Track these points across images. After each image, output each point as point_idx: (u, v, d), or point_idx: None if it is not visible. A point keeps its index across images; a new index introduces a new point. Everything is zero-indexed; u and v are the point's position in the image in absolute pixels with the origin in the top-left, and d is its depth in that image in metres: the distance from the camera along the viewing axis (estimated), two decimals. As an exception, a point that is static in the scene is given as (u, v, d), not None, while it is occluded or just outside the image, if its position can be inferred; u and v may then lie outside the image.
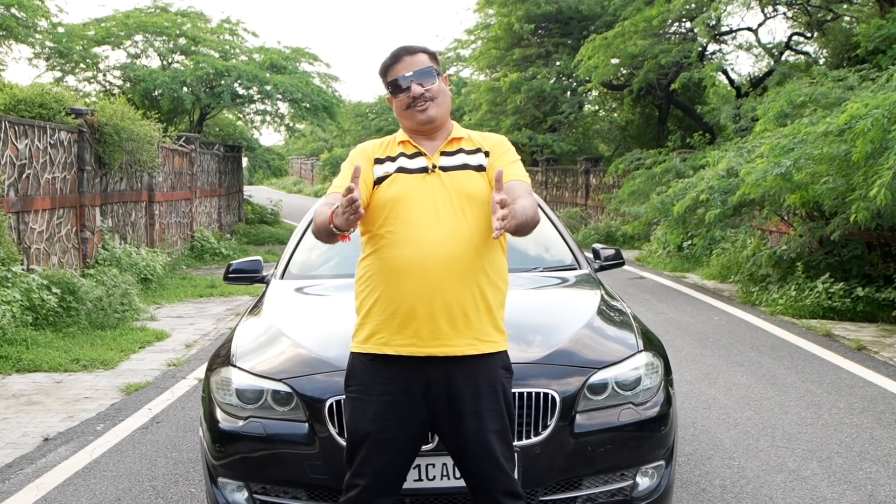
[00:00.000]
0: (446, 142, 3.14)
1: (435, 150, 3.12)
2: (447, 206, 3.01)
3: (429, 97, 3.07)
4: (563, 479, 3.61)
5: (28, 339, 8.26)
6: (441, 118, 3.13)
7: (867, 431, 5.81)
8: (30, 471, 5.29)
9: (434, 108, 3.08)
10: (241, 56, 22.89)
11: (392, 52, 3.13)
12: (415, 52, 3.11)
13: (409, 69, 3.07)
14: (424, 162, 3.09)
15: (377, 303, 3.01)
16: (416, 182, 3.05)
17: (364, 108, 43.24)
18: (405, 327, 2.97)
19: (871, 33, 13.86)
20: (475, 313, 3.00)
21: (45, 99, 10.71)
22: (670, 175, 15.81)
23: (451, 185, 3.04)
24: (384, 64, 3.12)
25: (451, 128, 3.19)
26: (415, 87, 3.06)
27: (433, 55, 3.15)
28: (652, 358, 3.89)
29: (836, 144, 8.64)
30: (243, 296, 12.36)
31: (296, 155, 63.73)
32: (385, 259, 3.00)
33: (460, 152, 3.13)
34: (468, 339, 3.00)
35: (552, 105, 24.91)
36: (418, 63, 3.09)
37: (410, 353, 2.98)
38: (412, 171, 3.07)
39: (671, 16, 18.87)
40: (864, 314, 10.04)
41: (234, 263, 5.45)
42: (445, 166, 3.09)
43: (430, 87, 3.07)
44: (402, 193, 3.02)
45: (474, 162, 3.12)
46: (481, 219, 3.02)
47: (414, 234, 2.97)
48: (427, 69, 3.08)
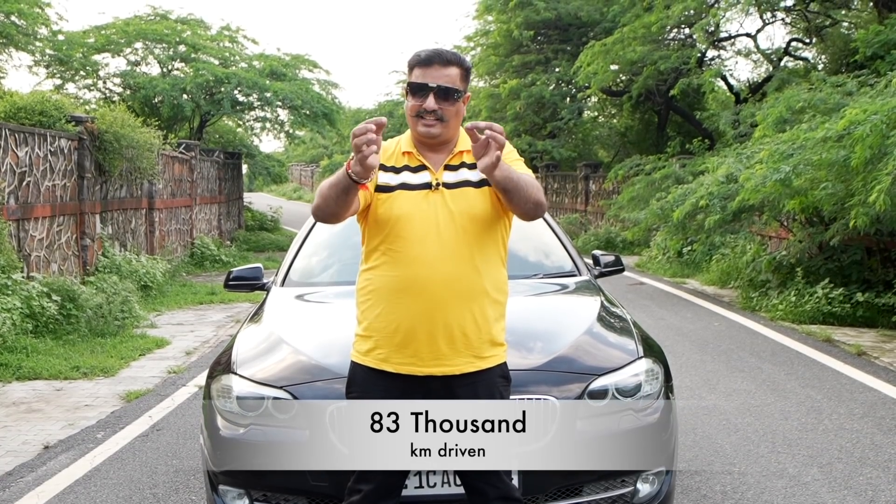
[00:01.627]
0: (451, 155, 3.07)
1: (439, 164, 3.05)
2: (449, 225, 2.97)
3: (439, 116, 2.97)
4: (563, 486, 3.62)
5: (28, 346, 8.26)
6: (446, 136, 3.04)
7: (867, 437, 5.81)
8: (30, 479, 5.28)
9: (440, 128, 3.00)
10: (240, 63, 22.90)
11: (430, 51, 3.02)
12: (449, 64, 2.98)
13: (436, 79, 2.95)
14: (428, 177, 3.03)
15: (378, 318, 3.01)
16: (418, 199, 3.00)
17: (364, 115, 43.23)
18: (405, 346, 2.97)
19: (869, 39, 13.88)
20: (475, 333, 3.00)
21: (45, 106, 10.73)
22: (670, 181, 15.82)
23: (454, 203, 2.99)
24: (415, 58, 3.01)
25: (457, 140, 3.10)
26: (430, 100, 2.96)
27: (467, 71, 3.03)
28: (652, 364, 3.89)
29: (835, 150, 8.65)
30: (243, 303, 12.36)
31: (296, 162, 63.74)
32: (386, 277, 2.99)
33: (462, 167, 3.06)
34: (467, 358, 3.00)
35: (552, 111, 24.94)
36: (447, 77, 2.97)
37: (410, 371, 2.99)
38: (415, 187, 3.01)
39: (670, 22, 18.90)
40: (864, 319, 10.05)
41: (235, 271, 5.45)
42: (449, 183, 3.02)
43: (446, 108, 2.98)
44: (405, 212, 2.98)
45: (475, 178, 3.04)
46: (483, 237, 3.01)
47: (415, 253, 2.95)
48: (451, 90, 2.96)
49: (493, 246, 3.05)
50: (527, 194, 2.88)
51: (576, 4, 24.53)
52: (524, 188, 2.86)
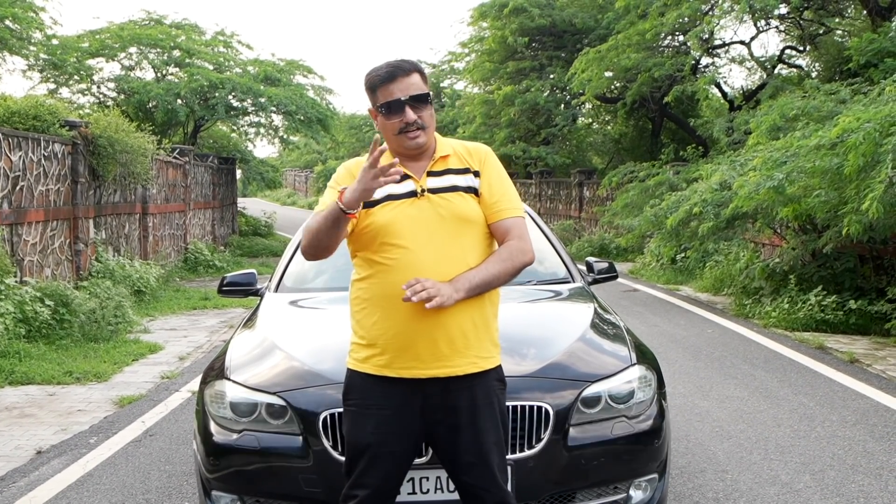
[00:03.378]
0: (432, 162, 3.08)
1: (421, 172, 3.05)
2: (440, 230, 2.98)
3: (420, 125, 2.98)
4: (556, 492, 3.62)
5: (21, 351, 8.25)
6: (427, 144, 3.06)
7: (860, 444, 5.83)
8: (22, 484, 5.27)
9: (424, 136, 3.00)
10: (235, 68, 22.91)
11: (385, 68, 3.00)
12: (409, 72, 2.99)
13: (405, 91, 2.96)
14: (413, 185, 3.03)
15: (375, 325, 3.00)
16: (406, 207, 3.00)
17: (358, 121, 43.29)
18: (405, 351, 2.97)
19: (862, 47, 13.94)
20: (474, 333, 3.00)
21: (39, 111, 10.71)
22: (664, 188, 15.85)
23: (443, 207, 3.00)
24: (376, 78, 3.00)
25: (435, 146, 3.11)
26: (409, 112, 2.96)
27: (424, 74, 3.05)
28: (645, 371, 3.90)
29: (829, 158, 8.68)
30: (237, 308, 12.35)
31: (290, 167, 63.75)
32: (381, 285, 2.98)
33: (448, 173, 3.07)
34: (469, 359, 3.01)
35: (546, 118, 24.98)
36: (413, 86, 2.98)
37: (411, 375, 2.99)
38: (401, 196, 3.01)
39: (664, 29, 18.95)
40: (857, 327, 10.07)
41: (229, 276, 5.45)
42: (434, 188, 3.03)
43: (423, 115, 2.99)
44: (395, 220, 2.98)
45: (463, 183, 3.06)
46: (475, 240, 3.03)
47: (409, 260, 2.95)
48: (423, 95, 2.98)
49: (484, 246, 3.06)
50: (506, 276, 3.00)
51: (570, 11, 24.60)
52: (499, 274, 2.98)
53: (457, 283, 2.90)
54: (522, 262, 3.03)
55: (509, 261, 3.00)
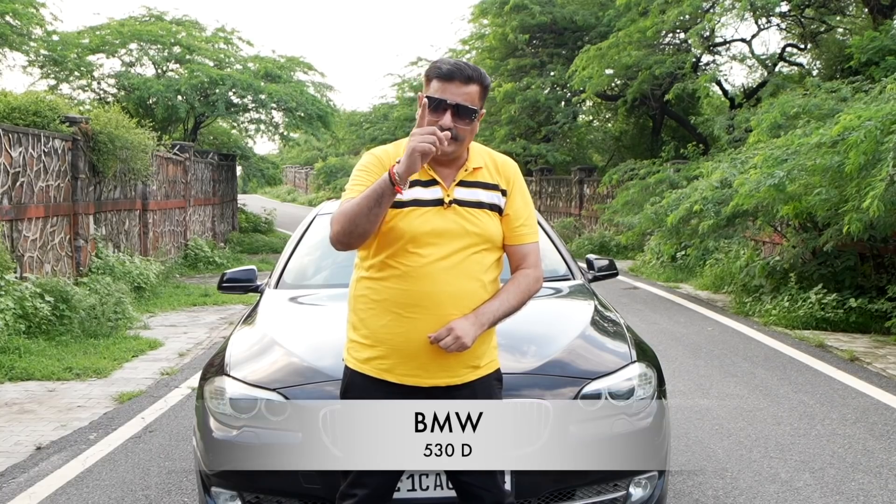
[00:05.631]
0: (465, 171, 3.01)
1: (450, 179, 2.99)
2: (462, 244, 2.94)
3: (454, 135, 2.87)
4: (556, 490, 3.62)
5: (21, 347, 8.25)
6: (458, 154, 2.99)
7: (860, 442, 5.82)
8: (22, 480, 5.27)
9: (453, 146, 2.90)
10: (235, 65, 22.89)
11: (448, 65, 2.90)
12: (470, 81, 2.89)
13: (454, 96, 2.87)
14: (440, 193, 2.96)
15: (384, 329, 2.96)
16: (430, 215, 2.93)
17: (359, 118, 43.21)
18: (411, 360, 2.95)
19: (864, 45, 13.94)
20: (479, 344, 3.00)
21: (39, 107, 10.70)
22: (664, 185, 15.86)
23: (466, 221, 2.95)
24: (437, 70, 2.90)
25: (468, 155, 3.03)
26: (447, 118, 2.86)
27: (486, 88, 2.95)
28: (645, 368, 3.90)
29: (830, 156, 8.67)
30: (237, 304, 12.35)
31: (290, 164, 63.73)
32: (394, 290, 2.94)
33: (477, 186, 3.01)
34: (472, 367, 3.01)
35: (546, 115, 24.98)
36: (466, 95, 2.88)
37: (414, 383, 2.97)
38: (427, 203, 2.94)
39: (665, 27, 18.95)
40: (857, 325, 10.07)
41: (229, 273, 5.44)
42: (461, 200, 2.97)
43: (461, 127, 2.89)
44: (417, 227, 2.91)
45: (489, 200, 3.01)
46: (492, 259, 3.03)
47: (427, 270, 2.91)
48: (470, 110, 2.88)
49: (497, 263, 3.06)
50: (521, 307, 3.05)
51: (571, 8, 24.58)
52: (517, 306, 3.04)
53: (482, 318, 2.92)
54: (536, 290, 3.09)
55: (526, 293, 3.05)
